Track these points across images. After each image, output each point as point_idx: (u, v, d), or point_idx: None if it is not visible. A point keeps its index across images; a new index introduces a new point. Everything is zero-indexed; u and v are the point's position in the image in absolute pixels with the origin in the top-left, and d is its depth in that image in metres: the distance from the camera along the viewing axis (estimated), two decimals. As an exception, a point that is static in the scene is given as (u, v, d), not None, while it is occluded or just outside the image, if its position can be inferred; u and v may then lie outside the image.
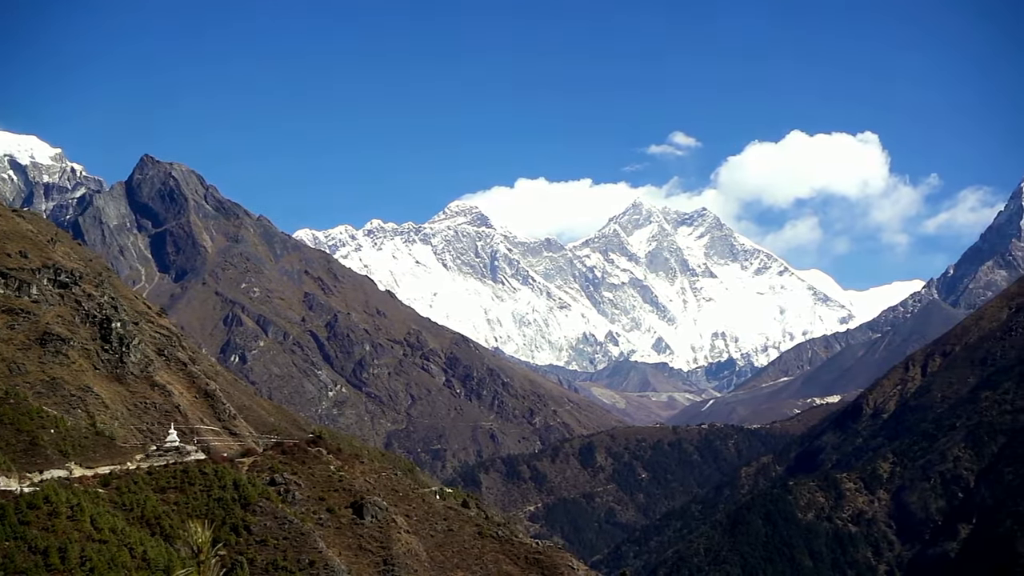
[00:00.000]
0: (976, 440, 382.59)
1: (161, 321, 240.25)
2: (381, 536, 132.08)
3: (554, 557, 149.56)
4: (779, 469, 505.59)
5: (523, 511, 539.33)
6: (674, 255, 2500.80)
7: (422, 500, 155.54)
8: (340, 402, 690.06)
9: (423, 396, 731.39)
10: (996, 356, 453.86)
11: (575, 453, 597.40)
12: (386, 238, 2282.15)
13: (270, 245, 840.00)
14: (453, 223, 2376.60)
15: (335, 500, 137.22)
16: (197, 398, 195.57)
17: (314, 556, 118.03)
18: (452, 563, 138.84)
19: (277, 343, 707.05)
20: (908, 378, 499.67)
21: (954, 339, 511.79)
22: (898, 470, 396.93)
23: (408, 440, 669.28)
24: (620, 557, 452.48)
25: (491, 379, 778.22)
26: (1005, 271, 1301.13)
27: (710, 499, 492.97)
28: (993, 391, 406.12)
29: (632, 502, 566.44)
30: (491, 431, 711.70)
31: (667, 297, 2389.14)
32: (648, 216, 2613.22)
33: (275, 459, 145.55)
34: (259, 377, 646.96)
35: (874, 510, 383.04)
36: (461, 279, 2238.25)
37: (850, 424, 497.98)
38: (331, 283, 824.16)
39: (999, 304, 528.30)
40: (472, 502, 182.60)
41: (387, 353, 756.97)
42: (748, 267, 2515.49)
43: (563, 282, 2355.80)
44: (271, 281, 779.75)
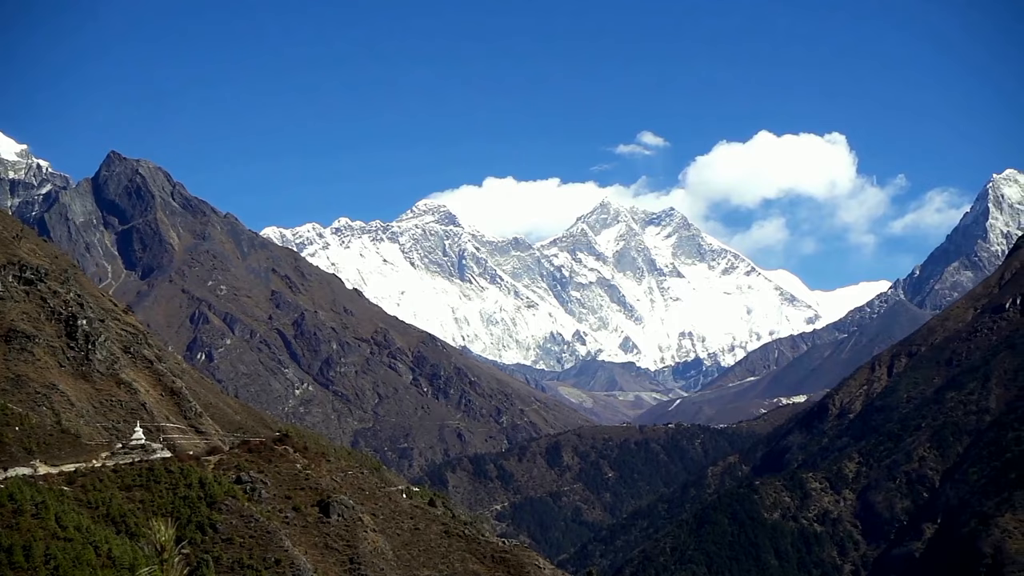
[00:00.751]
0: (941, 440, 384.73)
1: (127, 318, 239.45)
2: (347, 535, 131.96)
3: (520, 556, 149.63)
4: (745, 469, 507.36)
5: (490, 510, 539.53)
6: (642, 255, 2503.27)
7: (389, 499, 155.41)
8: (307, 400, 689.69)
9: (390, 395, 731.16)
10: (962, 357, 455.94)
11: (542, 452, 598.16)
12: (354, 236, 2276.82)
13: (237, 243, 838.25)
14: (421, 222, 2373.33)
15: (301, 498, 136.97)
16: (163, 396, 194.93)
17: (280, 555, 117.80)
18: (418, 562, 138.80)
19: (244, 341, 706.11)
20: (874, 378, 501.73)
21: (920, 340, 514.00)
22: (864, 470, 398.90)
23: (375, 439, 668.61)
24: (586, 556, 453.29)
25: (458, 378, 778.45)
26: (971, 272, 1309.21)
27: (676, 498, 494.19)
28: (958, 392, 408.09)
29: (599, 501, 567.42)
30: (458, 430, 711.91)
31: (634, 297, 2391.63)
32: (616, 216, 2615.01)
33: (241, 457, 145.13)
34: (226, 375, 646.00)
35: (840, 510, 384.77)
36: (429, 278, 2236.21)
37: (816, 424, 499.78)
38: (298, 281, 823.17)
39: (965, 305, 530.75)
40: (439, 501, 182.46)
41: (354, 351, 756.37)
42: (715, 267, 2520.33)
43: (531, 281, 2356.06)
44: (238, 279, 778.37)
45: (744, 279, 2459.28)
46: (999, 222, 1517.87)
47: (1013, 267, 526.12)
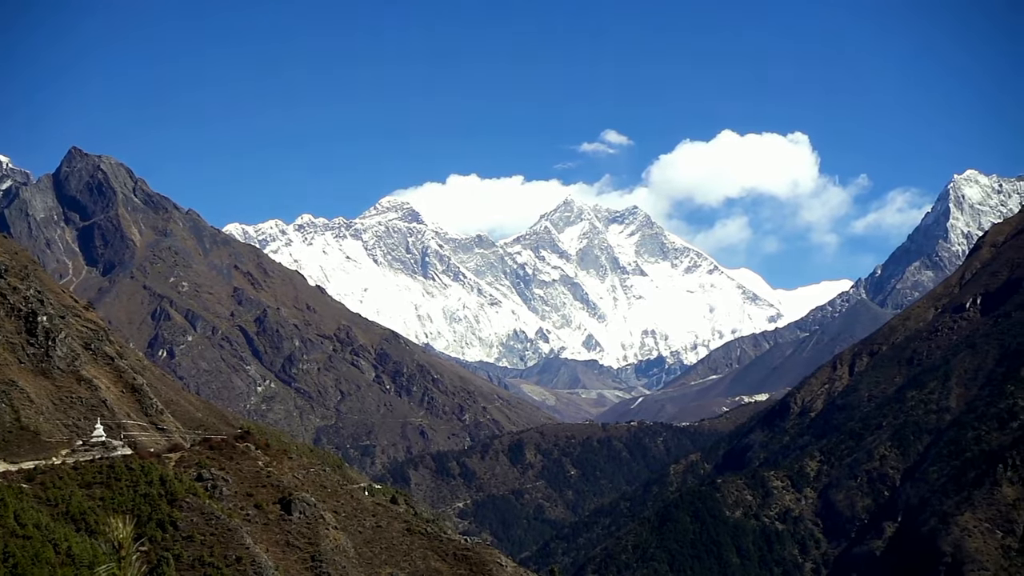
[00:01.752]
0: (902, 439, 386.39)
1: (88, 315, 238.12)
2: (309, 532, 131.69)
3: (482, 554, 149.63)
4: (707, 467, 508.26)
5: (452, 508, 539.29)
6: (605, 253, 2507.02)
7: (351, 496, 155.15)
8: (269, 397, 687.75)
9: (353, 392, 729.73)
10: (922, 356, 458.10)
11: (504, 450, 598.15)
12: (316, 233, 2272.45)
13: (199, 239, 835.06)
14: (384, 219, 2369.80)
15: (263, 496, 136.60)
16: (124, 393, 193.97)
17: (241, 552, 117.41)
18: (380, 559, 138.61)
19: (205, 338, 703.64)
20: (836, 377, 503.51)
21: (881, 339, 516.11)
22: (825, 468, 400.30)
23: (337, 436, 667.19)
24: (549, 554, 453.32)
25: (421, 375, 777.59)
26: (932, 272, 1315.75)
27: (639, 496, 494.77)
28: (919, 391, 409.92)
29: (561, 499, 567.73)
30: (421, 427, 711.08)
31: (597, 295, 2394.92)
32: (579, 214, 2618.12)
33: (202, 454, 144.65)
34: (187, 372, 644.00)
35: (801, 508, 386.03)
36: (392, 275, 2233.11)
37: (778, 422, 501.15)
38: (261, 278, 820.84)
39: (926, 304, 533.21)
40: (401, 498, 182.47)
41: (317, 348, 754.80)
42: (678, 265, 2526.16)
43: (494, 279, 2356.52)
44: (200, 275, 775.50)
45: (707, 277, 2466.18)
46: (960, 222, 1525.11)
47: (973, 267, 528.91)
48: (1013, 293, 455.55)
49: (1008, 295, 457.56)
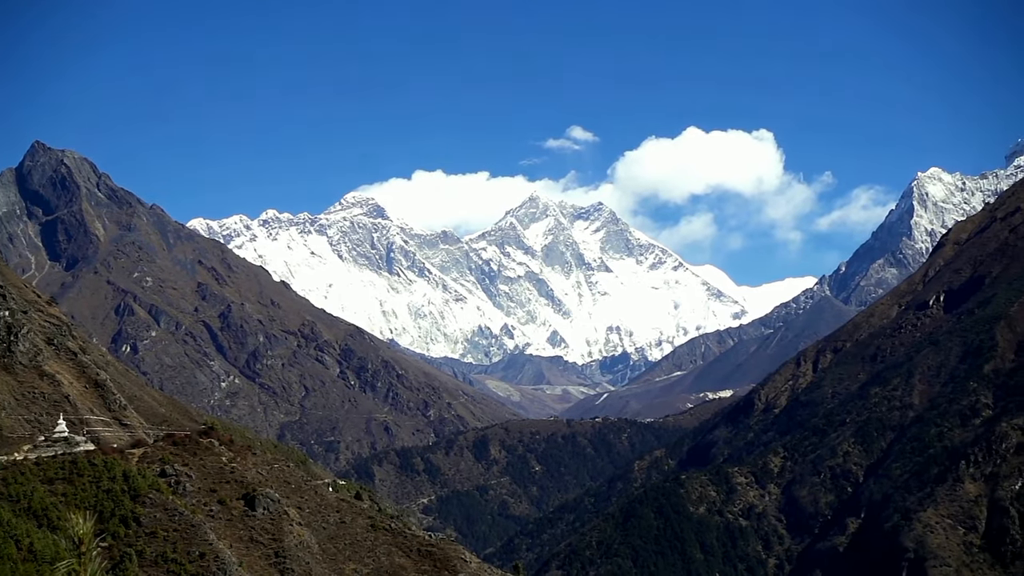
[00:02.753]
0: (865, 436, 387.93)
1: (51, 310, 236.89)
2: (273, 528, 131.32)
3: (447, 549, 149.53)
4: (671, 463, 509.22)
5: (416, 503, 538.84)
6: (570, 249, 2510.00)
7: (315, 492, 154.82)
8: (233, 393, 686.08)
9: (317, 388, 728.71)
10: (886, 353, 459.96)
11: (469, 446, 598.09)
12: (281, 228, 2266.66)
13: (163, 234, 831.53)
14: (349, 214, 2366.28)
15: (226, 492, 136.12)
16: (87, 388, 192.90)
17: (204, 548, 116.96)
18: (344, 555, 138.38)
19: (169, 333, 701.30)
20: (799, 373, 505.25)
21: (845, 335, 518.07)
22: (789, 465, 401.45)
23: (301, 432, 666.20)
24: (513, 549, 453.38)
25: (386, 371, 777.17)
26: (896, 269, 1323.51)
27: (603, 492, 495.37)
28: (882, 387, 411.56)
29: (525, 495, 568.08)
30: (385, 423, 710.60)
31: (562, 291, 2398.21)
32: (544, 210, 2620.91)
33: (166, 450, 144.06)
34: (151, 367, 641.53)
35: (765, 504, 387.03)
36: (356, 270, 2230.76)
37: (742, 419, 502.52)
38: (225, 273, 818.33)
39: (889, 301, 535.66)
40: (365, 494, 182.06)
41: (281, 344, 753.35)
42: (643, 262, 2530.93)
43: (459, 275, 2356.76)
44: (164, 271, 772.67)
45: (671, 274, 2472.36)
46: (924, 220, 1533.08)
47: (937, 264, 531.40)
48: (976, 290, 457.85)
49: (971, 292, 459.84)
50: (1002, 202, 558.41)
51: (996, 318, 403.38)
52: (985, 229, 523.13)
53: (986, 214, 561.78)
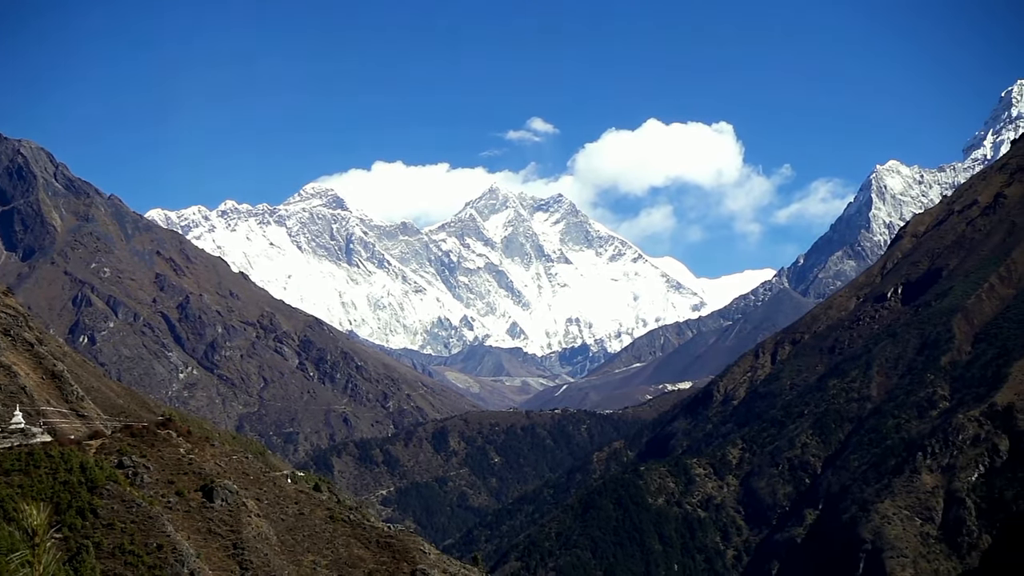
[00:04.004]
0: (823, 427, 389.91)
1: (7, 300, 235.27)
2: (231, 520, 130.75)
3: (406, 541, 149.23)
4: (631, 454, 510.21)
5: (375, 495, 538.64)
6: (530, 241, 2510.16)
7: (273, 484, 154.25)
8: (191, 384, 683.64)
9: (276, 379, 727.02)
10: (844, 345, 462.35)
11: (428, 437, 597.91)
12: (240, 219, 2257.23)
13: (121, 225, 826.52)
14: (308, 205, 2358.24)
15: (184, 483, 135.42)
16: (44, 379, 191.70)
17: (162, 540, 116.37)
18: (303, 547, 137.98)
19: (127, 324, 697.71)
20: (758, 365, 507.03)
21: (803, 327, 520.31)
22: (747, 456, 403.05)
23: (260, 423, 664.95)
24: (472, 541, 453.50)
25: (345, 362, 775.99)
26: (854, 261, 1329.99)
27: (562, 483, 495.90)
28: (840, 379, 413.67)
29: (485, 486, 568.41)
30: (344, 415, 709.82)
31: (522, 282, 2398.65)
32: (504, 201, 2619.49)
33: (123, 442, 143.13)
34: (108, 358, 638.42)
35: (723, 495, 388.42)
36: (316, 262, 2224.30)
37: (701, 410, 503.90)
38: (183, 264, 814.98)
39: (848, 294, 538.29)
40: (324, 486, 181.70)
41: (240, 335, 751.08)
42: (603, 253, 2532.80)
43: (418, 266, 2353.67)
44: (122, 261, 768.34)
45: (631, 266, 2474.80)
46: (882, 212, 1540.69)
47: (895, 257, 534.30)
48: (933, 283, 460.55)
49: (929, 285, 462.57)
50: (959, 195, 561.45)
51: (953, 310, 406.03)
52: (943, 222, 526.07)
53: (944, 207, 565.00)
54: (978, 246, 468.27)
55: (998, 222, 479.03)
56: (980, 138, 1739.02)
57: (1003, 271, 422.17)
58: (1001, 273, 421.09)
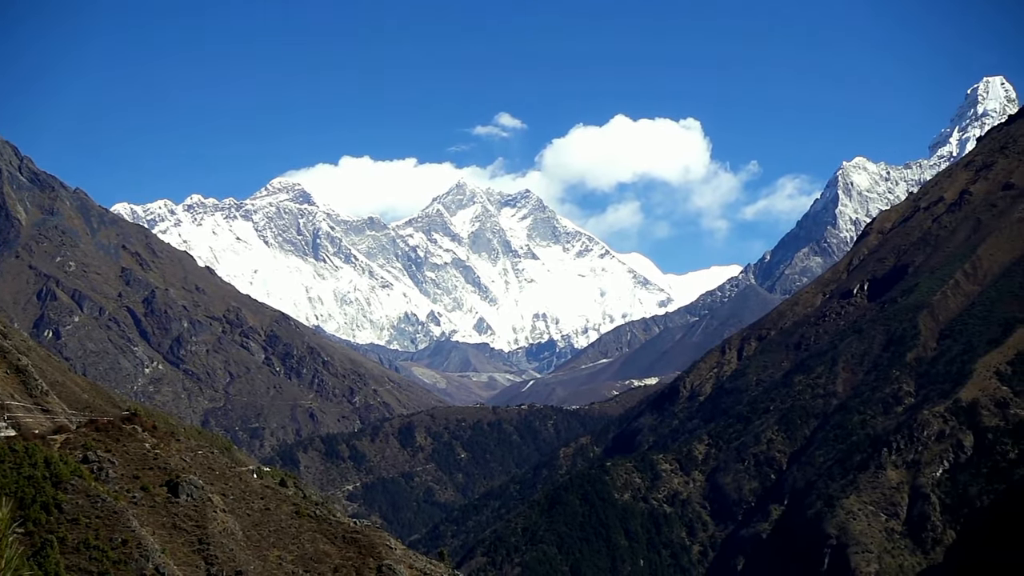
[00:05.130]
0: (789, 423, 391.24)
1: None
2: (196, 515, 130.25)
3: (372, 536, 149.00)
4: (597, 450, 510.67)
5: (342, 490, 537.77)
6: (497, 236, 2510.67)
7: (239, 479, 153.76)
8: (157, 379, 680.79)
9: (242, 374, 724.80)
10: (810, 341, 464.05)
11: (395, 433, 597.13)
12: (206, 214, 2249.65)
13: (87, 218, 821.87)
14: (275, 200, 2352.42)
15: (150, 478, 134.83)
16: (8, 373, 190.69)
17: (127, 535, 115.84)
18: (268, 542, 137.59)
19: (92, 318, 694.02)
20: (724, 361, 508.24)
21: (770, 324, 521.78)
22: (713, 452, 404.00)
23: (226, 418, 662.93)
24: (438, 536, 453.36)
25: (311, 357, 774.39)
26: (820, 257, 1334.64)
27: (528, 479, 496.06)
28: (806, 375, 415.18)
29: (451, 482, 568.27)
30: (310, 410, 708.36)
31: (489, 278, 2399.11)
32: (472, 197, 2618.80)
33: (88, 436, 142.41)
34: (73, 353, 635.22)
35: (689, 491, 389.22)
36: (282, 256, 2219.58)
37: (667, 406, 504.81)
38: (149, 258, 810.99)
39: (814, 290, 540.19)
40: (290, 481, 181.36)
41: (205, 330, 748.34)
42: (570, 249, 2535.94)
43: (385, 261, 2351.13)
44: (87, 255, 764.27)
45: (598, 262, 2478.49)
46: (848, 209, 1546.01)
47: (861, 253, 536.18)
48: (899, 279, 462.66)
49: (894, 281, 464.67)
50: (925, 192, 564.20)
51: (919, 307, 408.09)
52: (909, 219, 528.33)
53: (910, 204, 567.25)
54: (944, 243, 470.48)
55: (963, 219, 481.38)
56: (946, 135, 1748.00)
57: (968, 268, 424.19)
58: (966, 270, 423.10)
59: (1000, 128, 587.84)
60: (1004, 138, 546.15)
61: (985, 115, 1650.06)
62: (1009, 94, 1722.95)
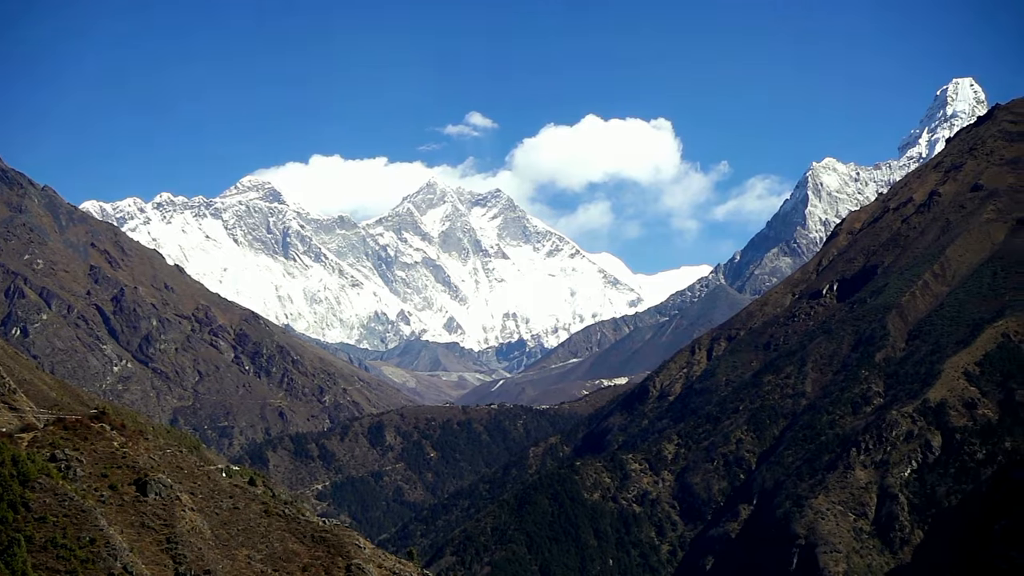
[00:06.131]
0: (758, 423, 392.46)
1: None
2: (165, 514, 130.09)
3: (341, 536, 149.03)
4: (567, 449, 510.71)
5: (311, 489, 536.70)
6: (467, 235, 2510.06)
7: (208, 478, 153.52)
8: (125, 377, 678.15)
9: (211, 372, 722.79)
10: (779, 341, 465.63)
11: (364, 432, 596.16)
12: (176, 212, 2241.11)
13: (55, 216, 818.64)
14: (245, 198, 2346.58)
15: (118, 477, 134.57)
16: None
17: (95, 534, 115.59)
18: (237, 541, 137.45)
19: (61, 316, 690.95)
20: (694, 361, 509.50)
21: (739, 324, 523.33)
22: (682, 452, 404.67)
23: (195, 417, 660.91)
24: (408, 536, 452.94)
25: (281, 356, 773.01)
26: (790, 258, 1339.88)
27: (498, 479, 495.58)
28: (775, 375, 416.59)
29: (421, 481, 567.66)
30: (280, 409, 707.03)
31: (459, 277, 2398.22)
32: (442, 196, 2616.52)
33: (56, 435, 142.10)
34: (41, 351, 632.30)
35: (658, 491, 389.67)
36: (252, 255, 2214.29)
37: (637, 406, 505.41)
38: (118, 256, 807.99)
39: (783, 290, 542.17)
40: (259, 480, 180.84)
41: (175, 328, 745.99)
42: (540, 249, 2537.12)
43: (355, 260, 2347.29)
44: (55, 253, 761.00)
45: (568, 261, 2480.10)
46: (818, 209, 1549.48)
47: (830, 254, 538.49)
48: (868, 280, 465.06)
49: (863, 282, 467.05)
50: (895, 193, 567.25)
51: (888, 307, 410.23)
52: (878, 219, 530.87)
53: (879, 204, 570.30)
54: (913, 244, 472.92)
55: (932, 220, 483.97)
56: (916, 136, 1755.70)
57: (937, 268, 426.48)
58: (935, 270, 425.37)
59: (969, 129, 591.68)
60: (973, 139, 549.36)
61: (954, 116, 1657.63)
62: (978, 95, 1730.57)
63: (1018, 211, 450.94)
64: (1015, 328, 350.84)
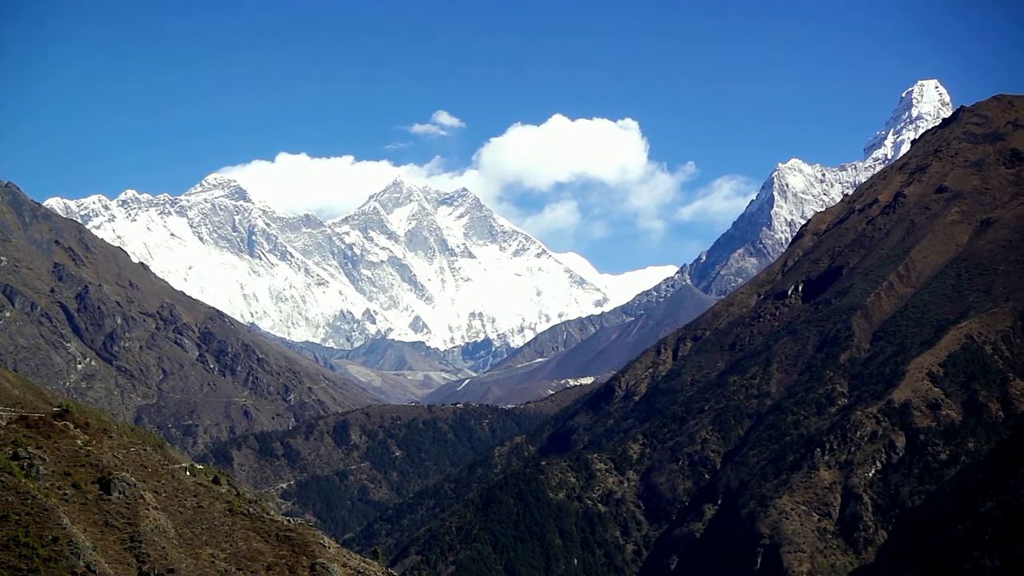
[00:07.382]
0: (723, 423, 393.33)
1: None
2: (128, 512, 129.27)
3: (305, 535, 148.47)
4: (532, 449, 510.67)
5: (276, 488, 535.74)
6: (433, 235, 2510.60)
7: (172, 476, 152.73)
8: (89, 375, 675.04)
9: (175, 371, 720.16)
10: (745, 341, 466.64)
11: (329, 431, 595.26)
12: (141, 209, 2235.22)
13: (18, 213, 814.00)
14: (210, 196, 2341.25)
15: (81, 475, 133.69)
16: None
17: (58, 532, 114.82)
18: (201, 540, 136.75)
19: (24, 314, 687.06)
20: (660, 361, 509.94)
21: (705, 324, 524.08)
22: (648, 451, 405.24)
23: (159, 415, 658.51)
24: (372, 535, 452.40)
25: (246, 355, 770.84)
26: (755, 258, 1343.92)
27: (463, 478, 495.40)
28: (741, 375, 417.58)
29: (385, 480, 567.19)
30: (245, 407, 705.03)
31: (425, 276, 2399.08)
32: (409, 195, 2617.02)
33: (19, 433, 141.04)
34: (4, 349, 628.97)
35: (623, 490, 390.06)
36: (217, 253, 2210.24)
37: (602, 405, 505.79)
38: (82, 254, 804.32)
39: (749, 290, 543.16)
40: (223, 479, 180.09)
41: (139, 326, 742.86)
42: (507, 248, 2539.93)
43: (321, 258, 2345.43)
44: (19, 250, 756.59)
45: (535, 261, 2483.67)
46: (784, 210, 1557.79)
47: (796, 255, 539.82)
48: (833, 280, 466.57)
49: (829, 282, 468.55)
50: (860, 194, 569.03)
51: (853, 308, 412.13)
52: (843, 220, 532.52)
53: (844, 205, 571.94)
54: (878, 245, 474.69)
55: (898, 221, 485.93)
56: (881, 138, 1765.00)
57: (902, 269, 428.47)
58: (900, 271, 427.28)
59: (934, 131, 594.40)
60: (938, 141, 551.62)
61: (920, 118, 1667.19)
62: (943, 98, 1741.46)
63: (982, 213, 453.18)
64: (979, 329, 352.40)
